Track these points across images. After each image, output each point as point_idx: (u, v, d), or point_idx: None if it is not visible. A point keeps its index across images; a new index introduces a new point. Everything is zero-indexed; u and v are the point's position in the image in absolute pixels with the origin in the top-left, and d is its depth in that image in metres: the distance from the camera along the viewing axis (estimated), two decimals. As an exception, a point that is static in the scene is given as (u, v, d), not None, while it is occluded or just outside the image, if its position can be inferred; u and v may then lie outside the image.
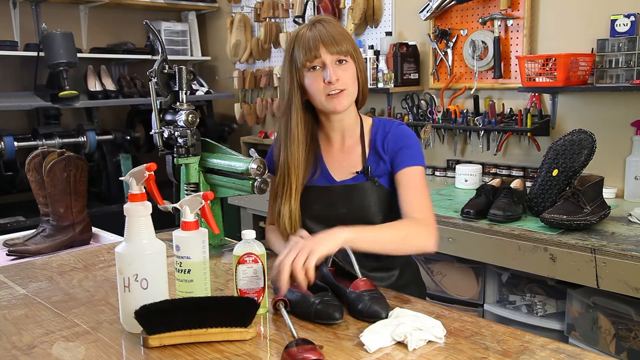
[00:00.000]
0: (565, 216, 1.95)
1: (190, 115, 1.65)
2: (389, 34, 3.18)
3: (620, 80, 2.31)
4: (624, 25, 2.29)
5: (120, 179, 1.36)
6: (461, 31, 2.89)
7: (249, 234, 1.24)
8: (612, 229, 1.97)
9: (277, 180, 1.54)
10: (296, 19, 3.48)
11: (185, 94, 1.69)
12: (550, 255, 1.89)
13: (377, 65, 3.09)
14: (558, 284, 2.06)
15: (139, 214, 1.15)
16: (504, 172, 2.78)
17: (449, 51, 2.96)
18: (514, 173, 2.74)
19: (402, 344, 1.08)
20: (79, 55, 3.40)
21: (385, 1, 3.24)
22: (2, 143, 3.18)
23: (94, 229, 2.05)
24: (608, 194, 2.35)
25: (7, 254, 1.84)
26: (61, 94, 3.31)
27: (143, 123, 3.87)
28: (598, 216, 1.98)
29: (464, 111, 2.88)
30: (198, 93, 4.07)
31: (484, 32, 2.79)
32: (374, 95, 3.26)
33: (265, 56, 3.96)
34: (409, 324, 1.10)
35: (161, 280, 1.18)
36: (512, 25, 2.71)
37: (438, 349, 1.07)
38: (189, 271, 1.18)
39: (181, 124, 1.66)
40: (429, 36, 3.00)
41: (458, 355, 1.05)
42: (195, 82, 4.08)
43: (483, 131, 2.80)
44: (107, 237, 2.04)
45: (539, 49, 2.65)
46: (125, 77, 3.89)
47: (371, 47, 3.14)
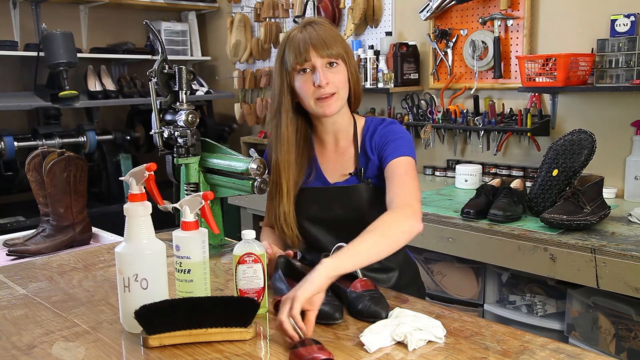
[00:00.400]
0: (565, 216, 1.95)
1: (190, 115, 1.65)
2: (389, 34, 3.18)
3: (620, 80, 2.31)
4: (624, 25, 2.29)
5: (120, 179, 1.36)
6: (461, 31, 2.89)
7: (249, 234, 1.24)
8: (612, 229, 1.97)
9: (270, 182, 1.54)
10: (296, 19, 3.48)
11: (185, 94, 1.69)
12: (550, 255, 1.89)
13: (377, 65, 3.09)
14: (558, 284, 2.05)
15: (138, 214, 1.15)
16: (504, 172, 2.78)
17: (449, 51, 2.95)
18: (514, 173, 2.74)
19: (402, 344, 1.08)
20: (79, 55, 3.39)
21: (385, 1, 3.24)
22: (2, 143, 3.17)
23: (94, 229, 2.05)
24: (608, 194, 2.35)
25: (7, 254, 1.85)
26: (61, 94, 3.31)
27: (143, 123, 3.86)
28: (598, 216, 1.98)
29: (464, 111, 2.88)
30: (198, 93, 4.07)
31: (484, 32, 2.79)
32: (374, 95, 3.26)
33: (265, 56, 3.96)
34: (409, 324, 1.10)
35: (161, 280, 1.18)
36: (512, 25, 2.71)
37: (438, 349, 1.07)
38: (189, 271, 1.18)
39: (181, 124, 1.66)
40: (429, 36, 3.00)
41: (458, 355, 1.05)
42: (195, 82, 4.07)
43: (483, 131, 2.80)
44: (107, 237, 2.04)
45: (539, 49, 2.65)
46: (125, 77, 3.89)
47: (371, 47, 3.14)
